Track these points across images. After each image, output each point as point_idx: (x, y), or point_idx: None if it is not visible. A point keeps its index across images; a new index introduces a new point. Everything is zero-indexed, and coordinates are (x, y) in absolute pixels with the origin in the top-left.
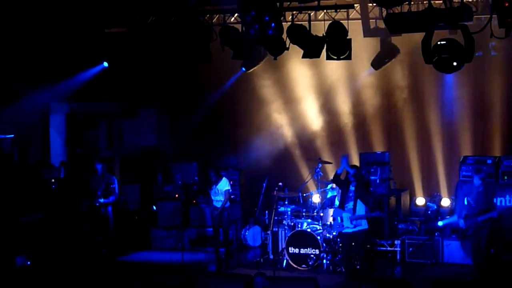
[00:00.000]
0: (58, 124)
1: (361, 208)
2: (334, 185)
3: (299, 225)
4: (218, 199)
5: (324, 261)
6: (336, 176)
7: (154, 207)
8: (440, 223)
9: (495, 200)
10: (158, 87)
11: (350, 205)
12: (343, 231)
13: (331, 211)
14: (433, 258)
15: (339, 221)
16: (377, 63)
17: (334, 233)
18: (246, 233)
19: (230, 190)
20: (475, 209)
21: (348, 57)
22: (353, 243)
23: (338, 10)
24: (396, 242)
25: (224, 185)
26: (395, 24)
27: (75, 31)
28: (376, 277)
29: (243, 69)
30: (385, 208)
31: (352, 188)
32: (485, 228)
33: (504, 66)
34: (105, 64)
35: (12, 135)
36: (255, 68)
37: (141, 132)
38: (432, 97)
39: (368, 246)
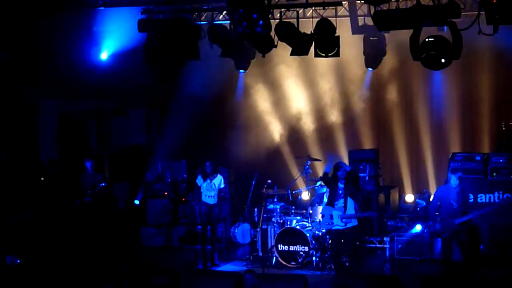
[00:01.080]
0: (47, 122)
1: (351, 206)
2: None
3: (288, 223)
4: (210, 195)
5: (314, 258)
6: (325, 174)
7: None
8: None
9: (484, 198)
10: (147, 85)
11: (340, 202)
12: (333, 228)
13: (320, 208)
14: (422, 255)
15: (329, 219)
16: (372, 63)
17: (323, 230)
18: (236, 231)
19: (223, 188)
20: (457, 210)
21: (336, 55)
22: (342, 240)
23: (326, 8)
24: (385, 239)
25: (219, 182)
26: (383, 21)
27: (63, 28)
28: (365, 273)
29: (241, 71)
30: (374, 205)
31: (341, 185)
32: (463, 233)
33: (492, 63)
34: None
35: None
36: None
37: (130, 130)
38: (420, 94)
39: (358, 242)
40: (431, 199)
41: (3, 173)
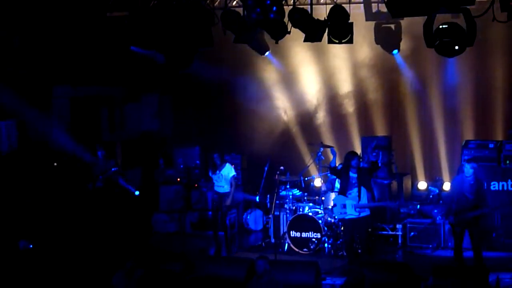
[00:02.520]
0: (59, 108)
1: (364, 195)
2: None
3: (301, 209)
4: (220, 185)
5: (326, 245)
6: (332, 168)
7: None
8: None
9: (497, 185)
10: (160, 71)
11: (354, 192)
12: (346, 217)
13: (332, 195)
14: (434, 242)
15: (342, 208)
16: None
17: (335, 217)
18: (248, 217)
19: (235, 175)
20: (472, 202)
21: (350, 41)
22: (355, 229)
23: None
24: (397, 226)
25: (228, 170)
26: (397, 7)
27: (77, 15)
28: (378, 261)
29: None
30: (386, 192)
31: (353, 174)
32: (475, 225)
33: (506, 50)
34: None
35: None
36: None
37: (143, 116)
38: (434, 81)
39: (370, 230)
40: (443, 187)
41: (16, 159)
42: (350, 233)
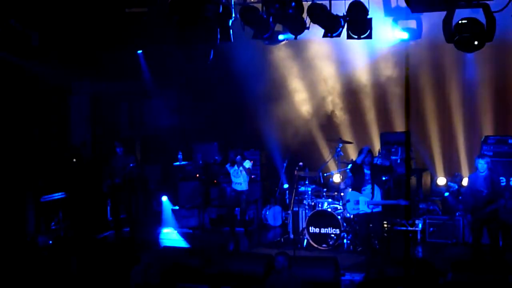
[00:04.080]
0: (79, 104)
1: (378, 192)
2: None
3: (320, 205)
4: (238, 181)
5: (345, 240)
6: (355, 165)
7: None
8: (446, 194)
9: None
10: (179, 67)
11: (367, 188)
12: (360, 212)
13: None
14: (453, 238)
15: (355, 204)
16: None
17: (348, 214)
18: (267, 213)
19: (251, 168)
20: (486, 197)
21: (369, 37)
22: (370, 224)
23: None
24: (417, 221)
25: (247, 167)
26: (416, 2)
27: (96, 10)
28: (397, 256)
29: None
30: (402, 188)
31: (367, 171)
32: (494, 221)
33: None
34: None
35: None
36: (276, 45)
37: (162, 112)
38: (453, 77)
39: (385, 225)
40: (462, 183)
41: (35, 154)
42: (365, 227)
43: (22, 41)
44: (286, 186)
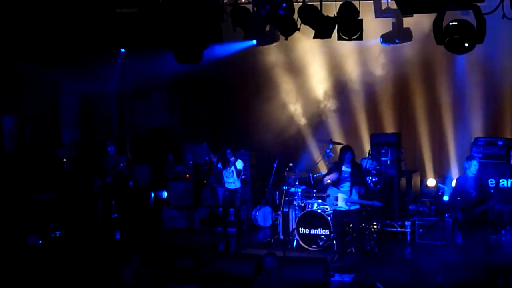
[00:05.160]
0: (70, 103)
1: (355, 191)
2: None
3: (310, 206)
4: (231, 181)
5: (334, 241)
6: (335, 162)
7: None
8: (445, 198)
9: (506, 183)
10: (170, 67)
11: (345, 186)
12: (337, 209)
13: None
14: (443, 240)
15: (334, 200)
16: (387, 38)
17: (327, 209)
18: (257, 214)
19: (242, 169)
20: (475, 198)
21: (360, 38)
22: (345, 220)
23: None
24: (406, 223)
25: (240, 166)
26: (407, 4)
27: (86, 11)
28: (386, 258)
29: (254, 42)
30: (395, 189)
31: (346, 169)
32: (483, 221)
33: None
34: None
35: None
36: (267, 46)
37: (152, 112)
38: (443, 78)
39: (363, 224)
40: (452, 184)
41: (25, 154)
42: (340, 224)
43: (14, 40)
44: (276, 187)
